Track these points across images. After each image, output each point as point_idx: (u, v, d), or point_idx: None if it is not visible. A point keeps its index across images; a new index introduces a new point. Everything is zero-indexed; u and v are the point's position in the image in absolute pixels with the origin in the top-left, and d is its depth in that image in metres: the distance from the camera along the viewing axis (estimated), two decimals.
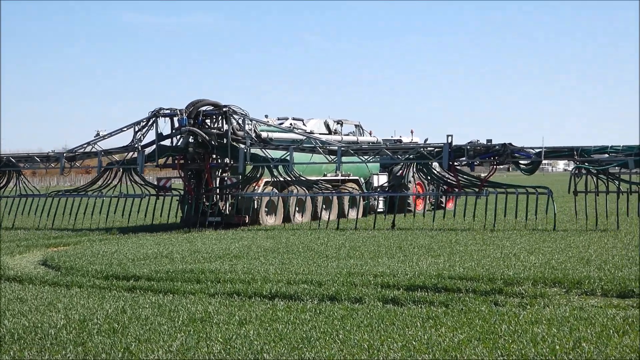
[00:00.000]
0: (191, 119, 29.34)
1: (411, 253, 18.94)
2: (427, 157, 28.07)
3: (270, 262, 17.40)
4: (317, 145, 29.40)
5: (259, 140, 29.61)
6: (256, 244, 21.73)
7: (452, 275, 14.54)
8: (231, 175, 30.19)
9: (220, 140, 29.41)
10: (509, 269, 15.23)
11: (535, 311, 11.31)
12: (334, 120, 35.42)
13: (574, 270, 14.90)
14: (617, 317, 10.61)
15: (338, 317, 11.21)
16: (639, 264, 15.59)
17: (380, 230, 26.35)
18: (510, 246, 20.06)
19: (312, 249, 20.13)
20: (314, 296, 12.94)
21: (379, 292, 13.14)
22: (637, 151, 25.70)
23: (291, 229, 27.71)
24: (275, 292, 13.35)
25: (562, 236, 22.51)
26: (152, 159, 30.53)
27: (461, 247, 20.18)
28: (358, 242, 22.00)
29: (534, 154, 26.90)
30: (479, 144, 27.29)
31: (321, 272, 15.54)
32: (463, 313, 11.29)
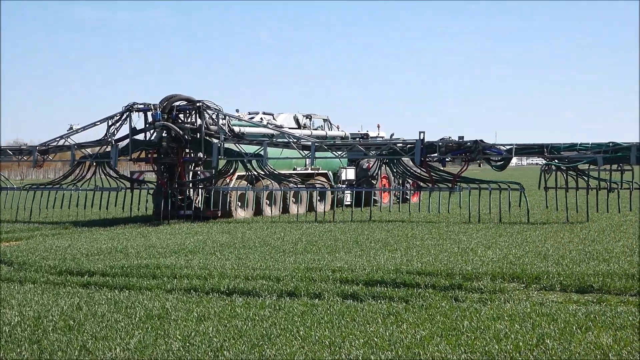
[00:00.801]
0: (165, 113, 29.66)
1: (368, 247, 18.86)
2: (399, 153, 28.47)
3: (226, 257, 17.22)
4: (290, 141, 29.91)
5: (232, 135, 29.97)
6: (211, 239, 21.53)
7: (410, 270, 14.46)
8: (204, 169, 30.45)
9: (193, 134, 29.76)
10: (467, 264, 15.18)
11: (496, 307, 11.25)
12: (303, 114, 35.78)
13: (532, 265, 14.89)
14: (578, 313, 10.57)
15: (298, 314, 11.08)
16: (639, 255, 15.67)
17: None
18: (466, 240, 20.06)
19: (268, 244, 19.98)
20: (273, 292, 12.79)
21: (338, 287, 13.02)
22: (605, 149, 26.25)
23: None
24: (233, 288, 13.17)
25: (518, 230, 22.56)
26: (126, 153, 30.74)
27: (418, 241, 20.14)
28: (315, 236, 21.88)
29: (505, 151, 27.43)
30: (450, 141, 27.80)
31: (279, 267, 15.40)
32: (424, 309, 11.20)
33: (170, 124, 29.48)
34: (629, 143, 26.32)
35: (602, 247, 17.80)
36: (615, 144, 26.39)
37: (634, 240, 19.37)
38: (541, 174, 27.42)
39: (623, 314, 10.50)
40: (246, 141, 30.00)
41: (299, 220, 28.65)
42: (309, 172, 33.62)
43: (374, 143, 31.75)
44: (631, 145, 26.15)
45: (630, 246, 17.98)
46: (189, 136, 29.66)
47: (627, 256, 16.13)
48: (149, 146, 30.29)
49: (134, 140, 30.52)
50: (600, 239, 19.88)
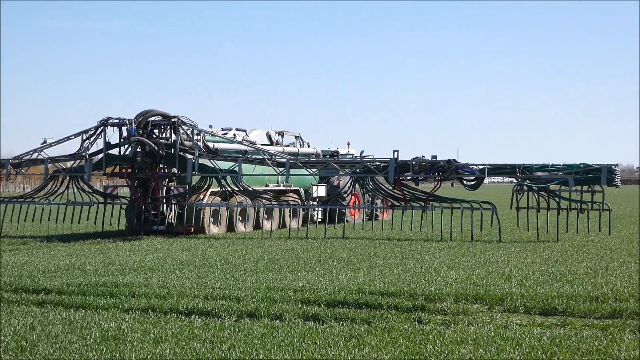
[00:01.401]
0: (140, 128, 29.70)
1: (331, 266, 18.66)
2: (373, 171, 28.79)
3: (186, 276, 16.94)
4: (265, 157, 30.14)
5: (207, 150, 30.01)
6: (171, 257, 21.23)
7: (372, 290, 14.27)
8: (177, 185, 30.55)
9: (168, 150, 29.85)
10: (430, 285, 15.03)
11: (460, 330, 11.06)
12: (275, 131, 36.00)
13: (495, 287, 14.76)
14: (543, 337, 10.40)
15: (258, 336, 10.83)
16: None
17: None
18: (429, 260, 19.92)
19: (229, 262, 19.73)
20: (233, 312, 12.52)
21: (300, 308, 12.79)
22: (576, 170, 26.77)
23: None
24: (192, 308, 12.89)
25: (481, 250, 22.45)
26: (100, 167, 30.74)
27: (380, 260, 19.98)
28: (277, 254, 21.65)
29: (478, 171, 27.85)
30: (424, 160, 28.14)
31: (239, 286, 15.15)
32: (386, 331, 11.00)
33: (145, 139, 29.46)
34: (600, 164, 26.70)
35: (565, 268, 17.72)
36: (586, 165, 26.81)
37: (596, 261, 19.32)
38: (513, 194, 27.65)
39: (588, 338, 10.34)
40: (221, 157, 30.08)
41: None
42: (282, 188, 33.65)
43: (349, 161, 31.99)
44: (602, 166, 26.54)
45: (593, 267, 17.92)
46: (163, 151, 29.72)
47: (591, 278, 16.05)
48: (124, 161, 30.22)
49: (108, 155, 30.46)
50: (563, 259, 19.81)
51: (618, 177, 26.73)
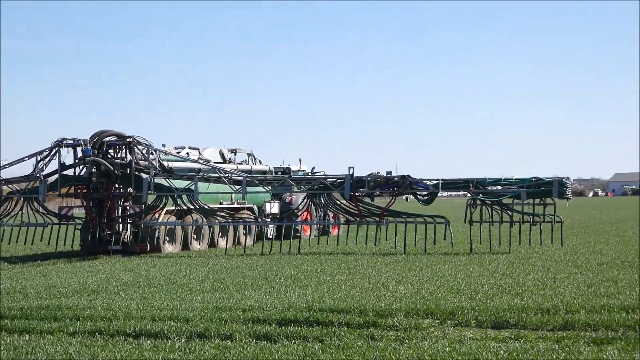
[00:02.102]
0: (95, 149, 29.76)
1: (278, 284, 18.49)
2: (329, 187, 29.30)
3: (131, 297, 16.65)
4: (222, 175, 30.46)
5: (162, 170, 30.15)
6: (114, 277, 20.90)
7: (322, 307, 14.13)
8: (133, 204, 30.53)
9: (123, 170, 29.93)
10: (379, 300, 14.94)
11: (415, 346, 10.97)
12: (228, 149, 36.15)
13: (445, 301, 14.71)
14: (500, 352, 10.35)
15: (209, 357, 10.65)
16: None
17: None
18: (376, 275, 19.85)
19: (174, 282, 19.46)
20: (182, 334, 12.29)
21: (250, 327, 12.59)
22: (528, 183, 27.35)
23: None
24: (140, 330, 12.63)
25: (427, 264, 22.44)
26: (55, 188, 30.64)
27: (328, 276, 19.86)
28: (222, 273, 21.41)
29: (432, 186, 28.45)
30: (379, 176, 28.72)
31: (186, 307, 14.90)
32: (341, 349, 10.86)
33: (101, 160, 29.58)
34: (551, 178, 27.35)
35: (514, 281, 17.75)
36: (538, 178, 27.41)
37: (543, 273, 19.39)
38: (467, 208, 28.08)
39: (545, 351, 10.31)
40: (176, 176, 30.21)
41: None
42: (236, 206, 33.69)
43: (305, 178, 32.66)
44: (553, 180, 27.16)
45: (541, 279, 17.98)
46: (118, 171, 29.78)
47: (540, 290, 16.09)
48: (79, 181, 30.25)
49: (63, 176, 30.41)
50: (510, 272, 19.85)
51: (569, 190, 27.40)
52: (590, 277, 18.23)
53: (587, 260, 22.27)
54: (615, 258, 22.77)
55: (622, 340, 10.98)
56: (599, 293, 15.39)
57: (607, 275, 18.53)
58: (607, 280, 17.39)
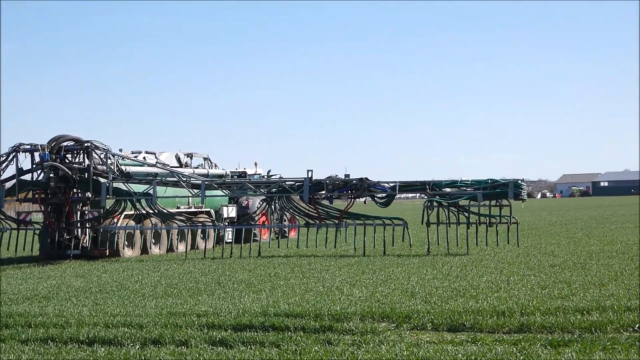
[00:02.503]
0: (53, 154, 29.68)
1: (231, 289, 18.39)
2: (288, 190, 29.77)
3: (83, 304, 16.47)
4: (180, 180, 30.60)
5: (121, 174, 30.16)
6: (66, 284, 20.66)
7: (278, 312, 14.07)
8: (91, 209, 30.66)
9: (81, 174, 29.93)
10: (334, 304, 14.90)
11: (372, 350, 10.92)
12: (184, 153, 36.37)
13: (400, 304, 14.71)
14: (458, 355, 10.33)
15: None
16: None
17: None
18: (330, 279, 19.81)
19: (126, 288, 19.28)
20: (136, 340, 12.14)
21: (205, 333, 12.47)
22: (485, 185, 28.03)
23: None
24: (93, 336, 12.46)
25: (380, 267, 22.45)
26: (12, 194, 30.66)
27: (282, 281, 19.79)
28: (174, 278, 21.25)
29: (389, 188, 29.04)
30: (337, 179, 29.26)
31: (140, 312, 14.76)
32: (298, 354, 10.80)
33: (59, 164, 29.52)
34: (507, 180, 28.01)
35: (468, 283, 17.80)
36: (494, 180, 28.11)
37: (496, 275, 19.46)
38: (424, 210, 28.46)
39: (503, 355, 10.32)
40: (135, 180, 30.41)
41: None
42: (193, 210, 33.88)
43: (264, 181, 32.94)
44: (509, 181, 27.81)
45: (495, 281, 18.03)
46: (77, 176, 29.77)
47: (494, 292, 16.14)
48: (37, 186, 30.22)
49: (21, 181, 30.35)
50: (463, 274, 19.90)
51: (524, 191, 28.09)
52: (544, 278, 18.33)
53: (540, 262, 22.40)
54: (567, 259, 22.93)
55: (579, 342, 11.01)
56: (553, 295, 15.47)
57: (560, 277, 18.65)
58: (561, 282, 17.50)
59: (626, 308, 13.35)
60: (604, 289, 16.12)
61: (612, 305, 13.61)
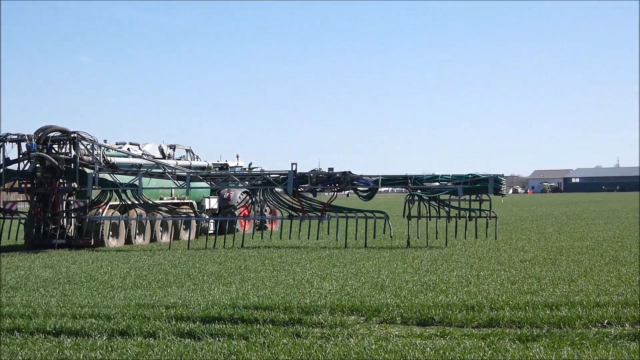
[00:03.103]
0: (40, 144, 30.16)
1: (201, 281, 18.34)
2: (272, 183, 30.35)
3: (51, 294, 16.37)
4: (166, 171, 31.12)
5: (107, 165, 30.66)
6: (34, 274, 20.53)
7: (247, 304, 14.03)
8: (77, 199, 31.12)
9: (68, 165, 30.42)
10: (304, 297, 14.89)
11: (341, 343, 10.89)
12: (167, 144, 36.75)
13: (370, 297, 14.71)
14: (427, 349, 10.32)
15: (132, 355, 10.47)
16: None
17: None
18: (301, 272, 19.80)
19: (95, 279, 19.18)
20: (103, 331, 12.07)
21: (174, 325, 12.41)
22: (465, 180, 28.72)
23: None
24: (60, 327, 12.38)
25: (351, 260, 22.45)
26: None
27: (252, 273, 19.76)
28: (144, 270, 21.16)
29: (372, 182, 29.63)
30: (321, 172, 29.90)
31: (108, 304, 14.70)
32: (266, 347, 10.76)
33: (46, 155, 29.97)
34: (487, 175, 28.83)
35: (438, 278, 17.82)
36: (474, 175, 28.95)
37: (467, 270, 19.50)
38: (405, 204, 29.25)
39: (472, 349, 10.32)
40: (121, 171, 30.86)
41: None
42: (176, 201, 34.18)
43: (249, 174, 33.57)
44: (489, 177, 28.61)
45: (465, 276, 18.07)
46: (63, 166, 30.20)
47: (464, 287, 16.16)
48: (23, 176, 30.69)
49: (7, 171, 30.74)
50: (434, 269, 19.92)
51: (504, 186, 28.70)
52: (514, 274, 18.38)
53: (510, 257, 22.48)
54: (537, 255, 23.02)
55: (547, 337, 11.04)
56: (523, 290, 15.52)
57: (530, 272, 18.71)
58: (530, 277, 17.56)
59: (595, 304, 13.40)
60: (573, 285, 16.18)
61: (581, 301, 13.67)
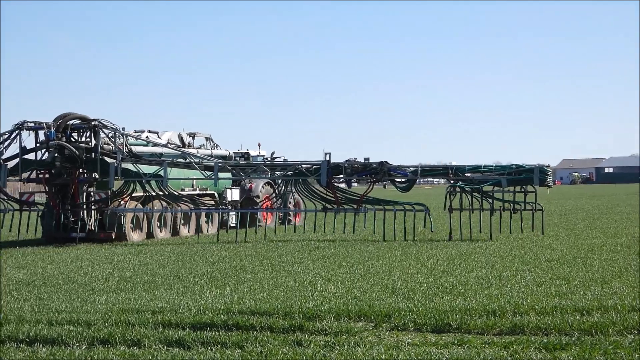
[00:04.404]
0: (59, 132, 31.05)
1: (192, 283, 18.35)
2: (305, 174, 31.46)
3: (24, 298, 16.41)
4: (192, 161, 32.25)
5: (130, 154, 31.71)
6: (6, 276, 20.58)
7: (242, 309, 14.03)
8: (98, 190, 32.39)
9: (88, 154, 31.37)
10: (306, 301, 14.88)
11: (347, 352, 10.87)
12: (187, 133, 37.99)
13: (380, 301, 14.69)
14: (443, 358, 10.30)
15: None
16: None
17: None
18: (303, 273, 19.80)
19: (74, 281, 19.21)
20: (83, 340, 12.06)
21: (161, 332, 12.41)
22: (509, 170, 30.00)
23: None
24: (35, 335, 12.38)
25: (358, 260, 22.42)
26: (15, 173, 31.87)
27: (248, 274, 19.76)
28: (128, 271, 21.17)
29: (410, 172, 30.91)
30: (356, 162, 30.95)
31: (88, 309, 14.71)
32: (263, 357, 10.76)
33: (66, 144, 30.91)
34: (532, 165, 29.95)
35: (455, 279, 17.78)
36: (518, 166, 30.19)
37: (487, 270, 19.45)
38: (446, 195, 30.39)
39: (493, 359, 10.28)
40: (145, 161, 31.87)
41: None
42: (198, 192, 35.35)
43: (280, 164, 34.36)
44: (534, 167, 29.72)
45: (485, 277, 18.02)
46: (83, 156, 31.19)
47: (484, 289, 16.12)
48: (41, 166, 31.62)
49: (24, 160, 31.62)
50: (450, 269, 19.88)
51: (550, 177, 29.72)
52: (540, 274, 18.34)
53: (536, 256, 22.43)
54: (566, 254, 22.95)
55: (577, 345, 11.00)
56: (550, 293, 15.47)
57: (558, 272, 18.66)
58: (558, 279, 17.50)
59: (630, 308, 13.36)
60: (606, 287, 16.13)
61: (615, 305, 13.62)
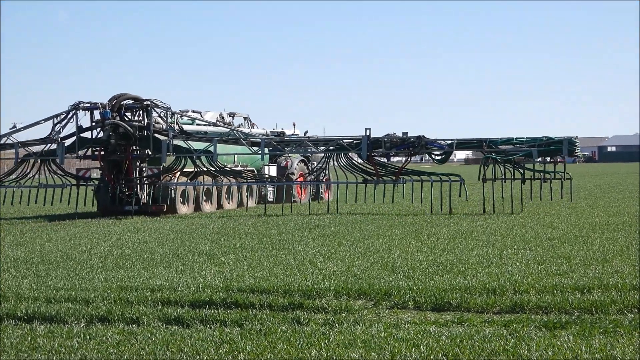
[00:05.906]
0: (114, 112, 33.54)
1: (191, 261, 18.40)
2: (346, 148, 33.98)
3: (22, 275, 16.46)
4: (241, 137, 34.91)
5: (181, 132, 34.55)
6: (4, 253, 20.61)
7: (242, 287, 14.07)
8: (149, 166, 34.90)
9: (141, 132, 34.14)
10: (306, 279, 14.92)
11: (346, 330, 10.92)
12: (227, 112, 40.57)
13: (380, 279, 14.73)
14: (442, 337, 10.33)
15: (113, 344, 10.50)
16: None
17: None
18: (302, 251, 19.83)
19: (72, 258, 19.26)
20: (81, 317, 12.11)
21: (159, 310, 12.45)
22: (540, 142, 32.17)
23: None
24: (33, 313, 12.42)
25: (358, 238, 22.45)
26: (72, 151, 34.60)
27: (248, 252, 19.80)
28: (127, 248, 21.21)
29: (447, 145, 33.18)
30: (395, 136, 33.18)
31: (87, 286, 14.75)
32: (262, 335, 10.78)
33: (120, 122, 33.45)
34: (561, 137, 32.23)
35: (455, 257, 17.81)
36: (548, 138, 32.36)
37: (488, 248, 19.47)
38: (481, 166, 32.94)
39: (492, 337, 10.32)
40: (195, 138, 34.73)
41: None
42: (240, 168, 37.61)
43: (323, 139, 36.31)
44: (563, 139, 32.04)
45: (485, 255, 18.04)
46: (137, 133, 33.84)
47: (485, 267, 16.15)
48: (97, 144, 34.07)
49: (81, 138, 34.23)
50: (451, 247, 19.91)
51: (578, 148, 32.47)
52: (541, 253, 18.36)
53: (537, 235, 22.45)
54: (567, 232, 22.95)
55: (577, 324, 11.03)
56: (551, 271, 15.49)
57: (559, 251, 18.67)
58: (559, 257, 17.52)
59: (631, 287, 13.37)
60: (607, 265, 16.16)
61: (615, 284, 13.64)
